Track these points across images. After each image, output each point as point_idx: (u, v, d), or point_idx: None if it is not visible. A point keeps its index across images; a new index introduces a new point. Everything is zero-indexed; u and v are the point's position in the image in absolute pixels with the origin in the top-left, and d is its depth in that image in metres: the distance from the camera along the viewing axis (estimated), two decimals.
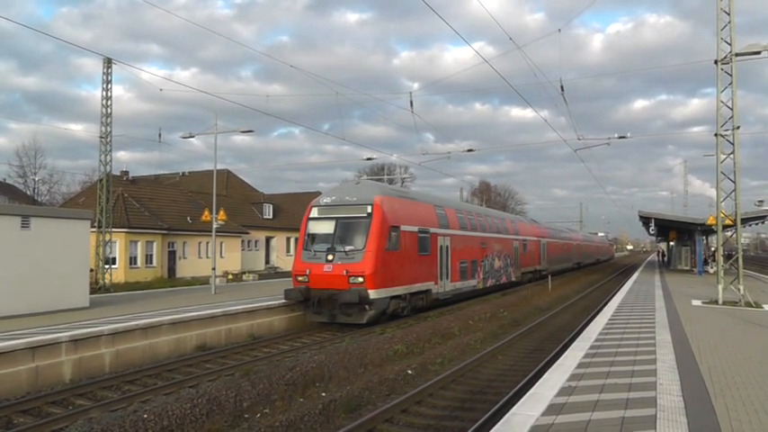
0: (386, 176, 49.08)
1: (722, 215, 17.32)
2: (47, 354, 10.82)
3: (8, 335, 11.16)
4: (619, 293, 21.07)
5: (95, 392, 10.43)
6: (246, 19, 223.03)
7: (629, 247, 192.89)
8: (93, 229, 23.18)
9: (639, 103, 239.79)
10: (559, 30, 20.10)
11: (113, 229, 29.35)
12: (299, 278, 16.94)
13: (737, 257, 16.85)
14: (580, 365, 8.22)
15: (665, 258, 56.78)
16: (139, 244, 35.73)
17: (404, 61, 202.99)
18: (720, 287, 16.63)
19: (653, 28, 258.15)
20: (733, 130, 16.20)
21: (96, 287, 25.15)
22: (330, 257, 16.61)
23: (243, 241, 45.79)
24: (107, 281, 27.13)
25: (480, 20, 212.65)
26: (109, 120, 26.85)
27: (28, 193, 56.28)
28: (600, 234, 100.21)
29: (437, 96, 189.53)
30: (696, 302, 17.09)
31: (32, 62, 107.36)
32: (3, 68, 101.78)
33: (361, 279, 15.99)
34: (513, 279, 30.59)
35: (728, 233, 19.75)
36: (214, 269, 22.70)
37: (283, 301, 17.10)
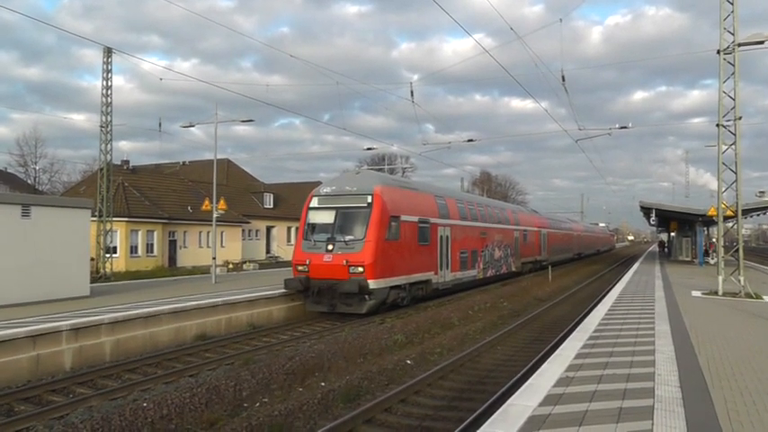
0: (386, 166, 48.98)
1: (723, 206, 17.27)
2: (47, 342, 10.86)
3: (9, 323, 11.20)
4: (619, 284, 21.07)
5: (96, 381, 10.48)
6: (247, 10, 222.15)
7: (630, 237, 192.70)
8: (94, 219, 23.19)
9: (639, 95, 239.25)
10: (561, 20, 19.95)
11: (114, 218, 29.37)
12: (299, 268, 16.95)
13: (738, 248, 16.82)
14: (578, 356, 8.22)
15: (666, 249, 56.76)
16: (140, 233, 35.76)
17: (403, 53, 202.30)
18: (721, 278, 16.61)
19: (652, 20, 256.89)
20: (735, 120, 16.10)
21: (97, 276, 25.22)
22: (330, 247, 16.61)
23: (243, 231, 45.81)
24: (108, 270, 27.20)
25: (479, 12, 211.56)
26: (109, 109, 26.80)
27: (29, 182, 56.23)
28: (601, 224, 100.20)
29: (437, 87, 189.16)
30: (696, 293, 17.08)
31: (35, 53, 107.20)
32: (5, 59, 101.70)
33: (360, 269, 15.99)
34: (514, 269, 30.60)
35: (729, 224, 19.68)
36: (214, 258, 22.72)
37: (283, 290, 17.13)
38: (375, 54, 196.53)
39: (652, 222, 41.71)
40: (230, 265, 33.83)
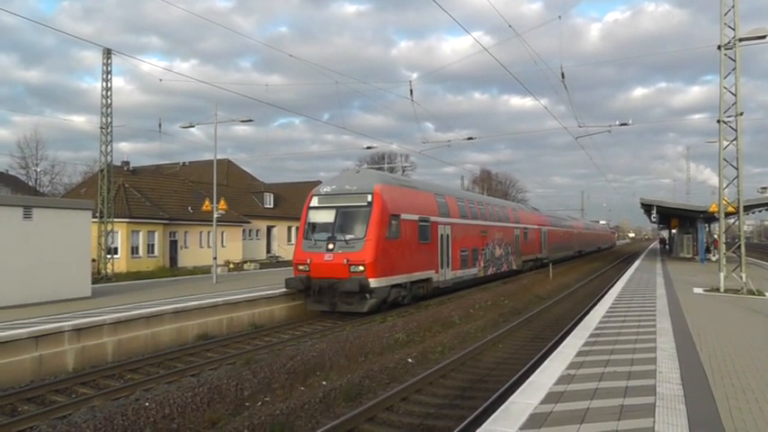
0: (386, 165, 49.00)
1: (724, 202, 17.25)
2: (50, 343, 10.88)
3: (12, 324, 11.22)
4: (620, 281, 21.06)
5: (98, 381, 10.49)
6: (245, 11, 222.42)
7: (631, 234, 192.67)
8: (95, 220, 23.20)
9: (639, 91, 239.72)
10: (559, 17, 19.95)
11: (115, 219, 29.38)
12: (300, 267, 16.96)
13: (740, 245, 16.79)
14: (580, 354, 8.22)
15: (667, 246, 56.75)
16: (141, 234, 35.79)
17: (402, 52, 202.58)
18: (722, 275, 16.59)
19: (651, 16, 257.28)
20: (736, 116, 16.08)
21: (98, 277, 25.23)
22: (331, 246, 16.61)
23: (244, 230, 45.84)
24: (109, 270, 27.21)
25: (477, 10, 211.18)
26: (109, 110, 26.78)
27: (30, 183, 56.37)
28: (601, 222, 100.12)
29: (436, 86, 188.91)
30: (697, 290, 17.07)
31: (34, 56, 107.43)
32: (6, 62, 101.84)
33: (361, 268, 16.00)
34: (514, 267, 30.60)
35: (731, 220, 19.64)
36: (215, 258, 22.73)
37: (284, 290, 17.14)
38: (374, 53, 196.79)
39: (653, 219, 41.74)
40: (231, 265, 33.86)
